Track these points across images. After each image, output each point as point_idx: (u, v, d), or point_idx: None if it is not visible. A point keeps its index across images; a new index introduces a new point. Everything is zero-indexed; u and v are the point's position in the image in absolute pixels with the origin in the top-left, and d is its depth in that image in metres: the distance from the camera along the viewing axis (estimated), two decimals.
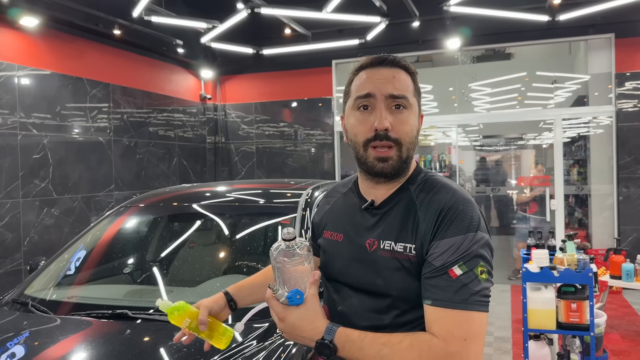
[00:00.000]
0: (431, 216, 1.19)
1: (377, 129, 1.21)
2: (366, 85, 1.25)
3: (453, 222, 1.16)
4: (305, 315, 1.15)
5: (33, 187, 5.14)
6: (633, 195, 6.55)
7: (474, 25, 6.85)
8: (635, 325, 5.22)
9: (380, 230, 1.26)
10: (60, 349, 1.99)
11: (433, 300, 1.13)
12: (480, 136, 10.01)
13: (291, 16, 6.36)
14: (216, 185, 3.54)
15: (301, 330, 1.15)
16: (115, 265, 2.87)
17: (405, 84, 1.26)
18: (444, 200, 1.20)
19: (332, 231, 1.39)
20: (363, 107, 1.25)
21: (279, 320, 1.17)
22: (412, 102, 1.26)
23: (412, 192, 1.27)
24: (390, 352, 1.10)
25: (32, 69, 5.19)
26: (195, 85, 7.94)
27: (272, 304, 1.18)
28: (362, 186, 1.36)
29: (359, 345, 1.12)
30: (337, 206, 1.44)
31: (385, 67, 1.26)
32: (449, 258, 1.13)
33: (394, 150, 1.22)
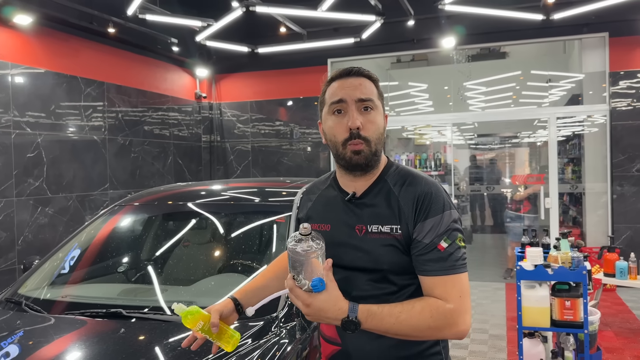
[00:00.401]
0: (411, 202, 1.44)
1: (351, 128, 1.44)
2: (338, 93, 1.49)
3: (431, 206, 1.42)
4: (329, 299, 1.32)
5: (27, 186, 5.12)
6: (627, 193, 6.58)
7: (468, 24, 6.86)
8: (628, 323, 5.25)
9: (367, 216, 1.48)
10: (54, 348, 1.99)
11: (429, 271, 1.39)
12: (475, 135, 10.04)
13: (286, 14, 6.36)
14: (211, 184, 3.54)
15: (326, 312, 1.32)
16: (110, 264, 2.87)
17: (370, 89, 1.50)
18: (419, 189, 1.45)
19: (318, 223, 1.57)
20: (337, 112, 1.49)
21: (305, 306, 1.32)
22: (377, 104, 1.50)
23: (388, 183, 1.51)
24: (407, 316, 1.34)
25: (26, 67, 5.16)
26: (190, 83, 7.92)
27: (297, 293, 1.32)
28: (341, 181, 1.57)
29: (379, 316, 1.33)
30: (320, 201, 1.63)
31: (351, 77, 1.51)
32: (435, 235, 1.40)
33: (364, 145, 1.45)
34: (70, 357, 1.94)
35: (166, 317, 2.21)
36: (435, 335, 1.37)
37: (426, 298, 1.39)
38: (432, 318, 1.34)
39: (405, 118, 8.24)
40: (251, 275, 2.54)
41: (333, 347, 1.55)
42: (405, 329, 1.34)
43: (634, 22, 6.45)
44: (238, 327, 2.10)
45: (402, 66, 9.74)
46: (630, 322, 5.27)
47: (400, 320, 1.33)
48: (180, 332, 2.06)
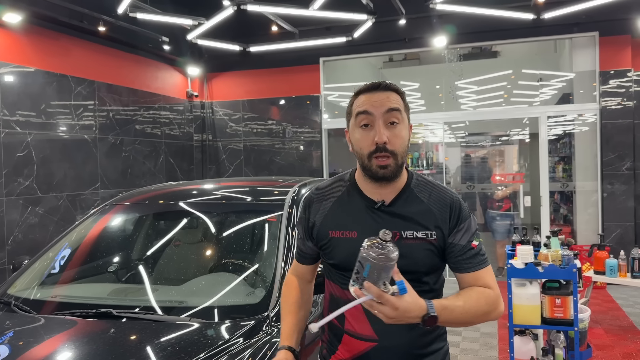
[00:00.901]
0: (443, 209, 1.58)
1: (377, 143, 1.52)
2: (365, 105, 1.55)
3: (461, 212, 1.59)
4: (412, 299, 1.39)
5: (17, 186, 5.08)
6: (617, 191, 6.63)
7: (460, 23, 6.88)
8: (618, 320, 5.29)
9: (400, 223, 1.56)
10: (44, 349, 1.98)
11: (471, 267, 1.58)
12: (466, 133, 10.07)
13: (278, 13, 6.35)
14: (203, 183, 3.53)
15: (411, 312, 1.37)
16: (100, 264, 2.85)
17: (398, 101, 1.57)
18: (448, 197, 1.61)
19: (341, 230, 1.61)
20: (364, 125, 1.55)
21: (394, 309, 1.35)
22: (404, 117, 1.57)
23: (414, 191, 1.61)
24: (469, 306, 1.50)
25: (16, 66, 5.12)
26: (182, 82, 7.89)
27: (386, 299, 1.34)
28: (366, 188, 1.63)
29: (450, 309, 1.45)
30: (338, 207, 1.66)
31: (379, 91, 1.56)
32: (469, 237, 1.59)
33: (391, 159, 1.53)
34: (60, 358, 1.93)
35: (157, 317, 2.20)
36: (486, 318, 1.56)
37: (475, 288, 1.56)
38: (487, 304, 1.54)
39: None
40: (242, 274, 2.54)
41: (368, 344, 1.60)
42: (469, 317, 1.50)
43: (623, 22, 6.49)
44: (230, 326, 2.10)
45: (394, 65, 9.76)
46: (620, 320, 5.31)
47: (466, 310, 1.49)
48: (170, 331, 2.06)
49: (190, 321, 2.15)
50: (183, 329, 2.09)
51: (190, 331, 2.06)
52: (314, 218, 1.68)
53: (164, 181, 7.20)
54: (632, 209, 6.59)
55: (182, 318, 2.19)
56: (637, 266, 4.55)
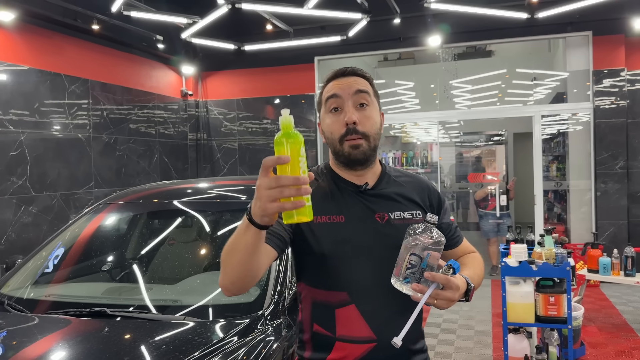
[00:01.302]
0: (423, 193, 1.63)
1: (347, 123, 1.48)
2: (332, 89, 1.54)
3: (438, 194, 1.67)
4: (459, 275, 1.42)
5: (10, 185, 5.05)
6: (610, 190, 6.66)
7: (454, 23, 6.89)
8: (612, 318, 5.32)
9: (386, 205, 1.55)
10: (38, 348, 1.97)
11: (459, 240, 1.70)
12: (461, 132, 10.11)
13: (273, 12, 6.34)
14: (197, 182, 3.52)
15: (461, 288, 1.39)
16: (94, 263, 2.84)
17: (366, 85, 1.55)
18: (423, 181, 1.68)
19: (327, 215, 1.51)
20: (334, 109, 1.53)
21: (456, 290, 1.35)
22: (373, 100, 1.56)
23: (391, 176, 1.63)
24: (477, 270, 1.60)
25: (9, 65, 5.09)
26: (176, 81, 7.87)
27: (453, 282, 1.34)
28: (345, 175, 1.58)
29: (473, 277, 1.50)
30: (319, 194, 1.54)
31: (346, 76, 1.56)
32: (449, 215, 1.69)
33: (362, 140, 1.50)
34: (54, 357, 1.92)
35: (151, 316, 2.20)
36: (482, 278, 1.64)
37: (469, 256, 1.69)
38: (480, 264, 1.66)
39: (392, 116, 8.26)
40: None
41: (366, 345, 1.48)
42: (480, 280, 1.59)
43: (617, 21, 6.52)
44: (224, 324, 2.10)
45: (388, 64, 9.78)
46: (614, 318, 5.34)
47: (478, 275, 1.58)
48: (165, 330, 2.05)
49: (184, 320, 2.15)
50: (177, 328, 2.08)
51: (184, 330, 2.06)
52: None
53: (158, 180, 7.18)
54: (625, 208, 6.63)
55: (176, 317, 2.18)
56: (630, 264, 4.58)
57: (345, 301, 1.48)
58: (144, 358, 1.90)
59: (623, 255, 4.63)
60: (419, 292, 1.32)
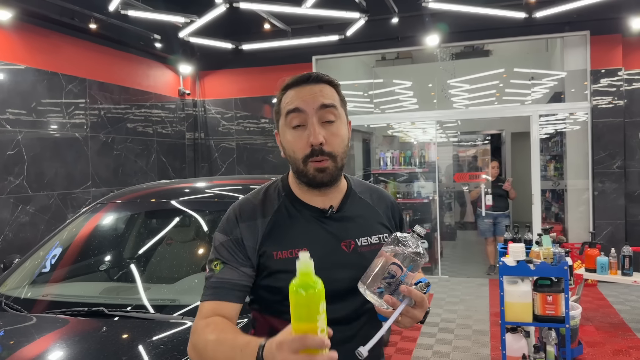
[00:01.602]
0: (387, 209, 1.49)
1: (313, 144, 1.30)
2: (295, 101, 1.34)
3: (399, 210, 1.54)
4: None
5: (7, 184, 5.04)
6: (608, 190, 6.68)
7: (452, 22, 6.90)
8: (609, 317, 5.33)
9: (352, 230, 1.38)
10: (35, 348, 1.96)
11: None
12: (458, 132, 10.12)
13: (270, 11, 6.33)
14: (195, 181, 3.52)
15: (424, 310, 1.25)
16: (92, 263, 2.84)
17: (332, 96, 1.36)
18: (386, 196, 1.54)
19: (289, 249, 1.32)
20: (297, 126, 1.34)
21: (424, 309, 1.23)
22: (340, 112, 1.37)
23: (357, 193, 1.46)
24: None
25: (6, 64, 5.08)
26: (173, 80, 7.86)
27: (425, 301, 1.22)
28: (306, 197, 1.39)
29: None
30: (279, 224, 1.36)
31: (310, 84, 1.36)
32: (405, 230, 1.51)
33: (329, 162, 1.32)
34: (51, 357, 1.92)
35: (149, 316, 2.19)
36: None
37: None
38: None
39: (390, 115, 8.27)
40: None
41: None
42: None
43: (614, 21, 6.53)
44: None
45: (386, 64, 9.78)
46: (611, 317, 5.35)
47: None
48: (162, 330, 2.05)
49: (182, 319, 2.14)
50: (175, 328, 2.08)
51: (182, 330, 2.05)
52: (248, 241, 1.35)
53: (155, 180, 7.17)
54: (622, 207, 6.64)
55: (174, 316, 2.18)
56: (627, 264, 4.59)
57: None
58: (141, 358, 1.89)
59: (620, 255, 4.63)
60: (391, 306, 1.17)
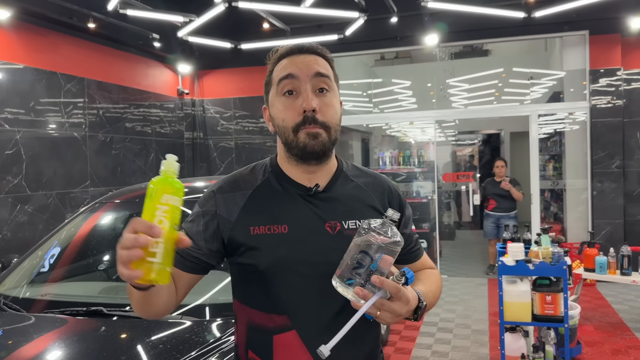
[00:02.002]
0: (383, 196, 1.39)
1: (305, 110, 1.23)
2: (289, 68, 1.28)
3: (400, 198, 1.43)
4: (411, 288, 1.17)
5: (5, 184, 5.03)
6: (606, 189, 6.68)
7: (451, 22, 6.90)
8: (608, 317, 5.33)
9: (339, 211, 1.30)
10: (34, 348, 1.96)
11: (419, 254, 1.47)
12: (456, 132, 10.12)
13: (269, 10, 6.33)
14: (194, 181, 3.51)
15: (412, 303, 1.14)
16: (90, 262, 2.83)
17: (327, 67, 1.31)
18: (385, 182, 1.42)
19: (266, 225, 1.26)
20: (288, 92, 1.27)
21: (406, 304, 1.11)
22: (334, 86, 1.31)
23: (349, 175, 1.38)
24: (434, 287, 1.35)
25: (4, 63, 5.07)
26: (172, 80, 7.85)
27: (403, 292, 1.10)
28: (293, 173, 1.32)
29: (425, 294, 1.24)
30: (259, 198, 1.31)
31: (304, 53, 1.31)
32: (411, 224, 1.46)
33: (323, 131, 1.25)
34: (50, 357, 1.91)
35: None
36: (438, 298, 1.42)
37: (427, 271, 1.45)
38: (438, 281, 1.42)
39: (389, 115, 8.27)
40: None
41: None
42: (435, 300, 1.36)
43: (613, 21, 6.54)
44: (221, 324, 2.09)
45: (385, 63, 9.79)
46: (610, 316, 5.36)
47: (433, 293, 1.34)
48: (162, 330, 2.04)
49: (181, 319, 2.14)
50: (174, 327, 2.08)
51: (181, 329, 2.05)
52: (224, 212, 1.29)
53: None
54: (621, 207, 6.65)
55: (173, 316, 2.17)
56: (626, 263, 4.59)
57: (285, 326, 1.23)
58: (140, 357, 1.89)
59: (619, 254, 4.64)
60: (361, 299, 1.08)
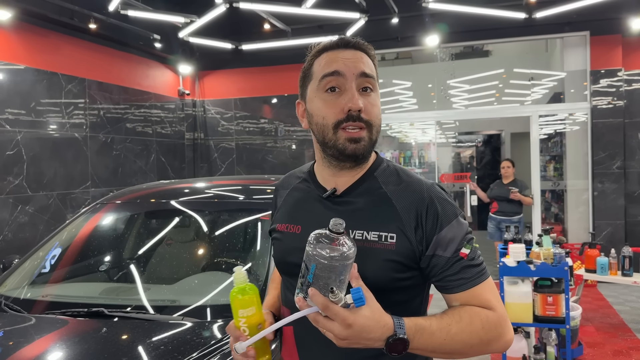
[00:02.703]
0: (413, 208, 1.19)
1: (351, 109, 1.17)
2: (333, 65, 1.21)
3: (439, 213, 1.18)
4: (372, 313, 1.03)
5: (6, 184, 5.03)
6: (607, 190, 6.67)
7: (452, 22, 6.89)
8: (609, 318, 5.33)
9: (351, 218, 1.18)
10: (35, 349, 1.96)
11: (462, 285, 1.17)
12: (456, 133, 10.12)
13: (270, 11, 6.33)
14: (194, 181, 3.51)
15: (370, 331, 1.02)
16: (91, 263, 2.83)
17: (372, 67, 1.25)
18: (422, 193, 1.21)
19: (286, 223, 1.31)
20: (331, 89, 1.20)
21: (345, 327, 1.01)
22: (377, 86, 1.25)
23: (378, 181, 1.25)
24: (458, 329, 1.11)
25: (5, 64, 5.07)
26: (173, 80, 7.85)
27: (335, 311, 1.00)
28: (322, 175, 1.29)
29: (429, 331, 1.08)
30: (291, 196, 1.36)
31: (350, 49, 1.24)
32: (456, 245, 1.17)
33: (365, 132, 1.19)
34: (51, 358, 1.91)
35: (149, 316, 2.19)
36: (482, 350, 1.15)
37: (467, 307, 1.16)
38: (484, 329, 1.13)
39: (390, 116, 8.26)
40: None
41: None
42: (456, 345, 1.11)
43: (614, 21, 6.53)
44: (223, 325, 2.09)
45: (386, 64, 9.77)
46: (611, 317, 5.35)
47: (451, 335, 1.10)
48: (163, 331, 2.04)
49: (182, 320, 2.14)
50: (175, 328, 2.07)
51: (182, 330, 2.05)
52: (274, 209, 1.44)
53: (155, 180, 7.17)
54: (622, 208, 6.64)
55: (174, 317, 2.17)
56: (627, 264, 4.59)
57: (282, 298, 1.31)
58: (142, 359, 1.89)
59: (620, 255, 4.63)
60: (299, 308, 1.04)
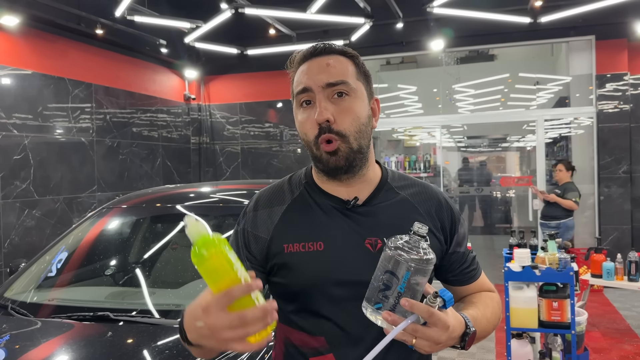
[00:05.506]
0: (433, 210, 1.26)
1: (318, 122, 1.15)
2: (302, 80, 1.20)
3: (454, 213, 1.29)
4: (453, 312, 1.05)
5: (14, 189, 5.07)
6: (613, 195, 6.65)
7: (457, 27, 6.90)
8: (615, 323, 5.30)
9: (381, 227, 1.18)
10: (41, 352, 1.97)
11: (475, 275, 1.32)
12: (465, 137, 10.10)
13: (275, 16, 6.36)
14: (200, 186, 3.52)
15: (454, 330, 1.03)
16: (97, 267, 2.84)
17: (342, 69, 1.19)
18: (436, 195, 1.29)
19: (302, 242, 1.19)
20: (305, 103, 1.20)
21: (444, 330, 0.99)
22: (355, 87, 1.19)
23: (393, 187, 1.27)
24: (489, 313, 1.23)
25: (13, 69, 5.12)
26: (179, 85, 7.89)
27: (438, 316, 0.97)
28: (327, 186, 1.24)
29: (479, 320, 1.15)
30: (294, 214, 1.24)
31: (319, 56, 1.21)
32: (466, 241, 1.32)
33: (339, 142, 1.15)
34: None
35: (154, 320, 2.20)
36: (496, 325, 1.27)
37: (485, 293, 1.32)
38: (499, 309, 1.30)
39: (395, 120, 8.27)
40: None
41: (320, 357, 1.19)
42: (489, 327, 1.21)
43: (619, 25, 6.52)
44: None
45: (391, 68, 9.78)
46: (617, 323, 5.32)
47: (487, 319, 1.20)
48: (168, 335, 2.05)
49: None
50: None
51: None
52: (257, 229, 1.24)
53: (161, 184, 7.19)
54: (628, 212, 6.61)
55: (179, 321, 2.18)
56: (633, 269, 4.56)
57: (323, 349, 1.16)
58: None
59: (627, 260, 4.61)
60: (391, 324, 0.97)
